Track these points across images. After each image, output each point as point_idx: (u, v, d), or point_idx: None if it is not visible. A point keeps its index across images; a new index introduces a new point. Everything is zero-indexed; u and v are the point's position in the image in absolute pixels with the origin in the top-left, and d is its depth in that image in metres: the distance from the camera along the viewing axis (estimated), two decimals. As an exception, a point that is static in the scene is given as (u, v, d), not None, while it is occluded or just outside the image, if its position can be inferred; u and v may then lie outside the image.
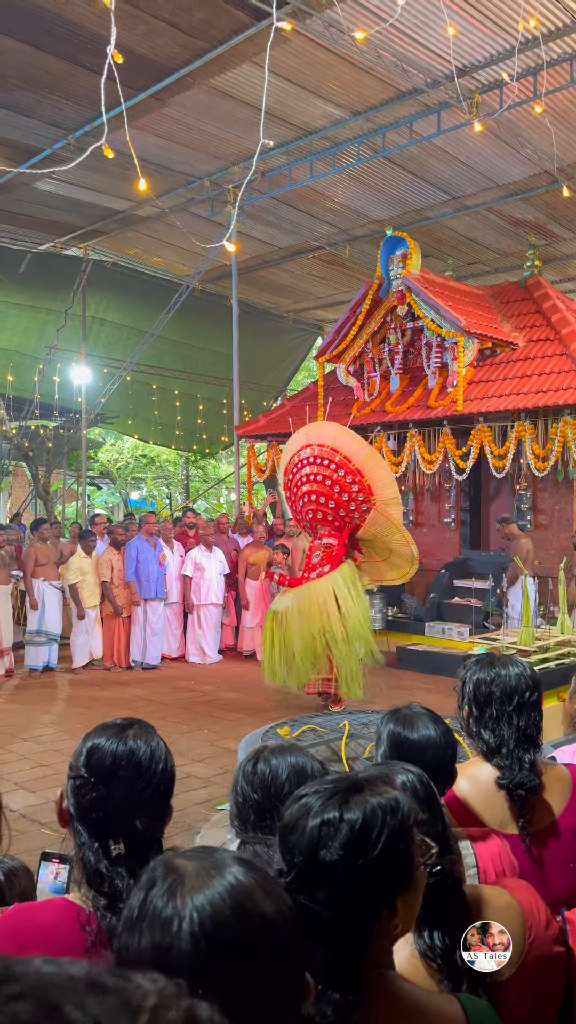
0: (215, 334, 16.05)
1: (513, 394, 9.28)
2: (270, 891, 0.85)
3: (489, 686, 2.01)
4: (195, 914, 0.79)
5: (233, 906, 0.80)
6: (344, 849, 1.04)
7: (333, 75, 9.05)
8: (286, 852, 1.07)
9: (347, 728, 4.68)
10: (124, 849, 1.38)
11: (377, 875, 1.05)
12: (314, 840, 1.05)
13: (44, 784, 5.56)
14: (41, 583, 9.52)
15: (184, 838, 4.67)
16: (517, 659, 2.12)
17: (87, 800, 1.42)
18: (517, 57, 8.07)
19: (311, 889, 1.03)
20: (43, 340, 15.76)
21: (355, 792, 1.08)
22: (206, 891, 0.81)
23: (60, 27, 8.25)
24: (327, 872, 1.03)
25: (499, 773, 1.95)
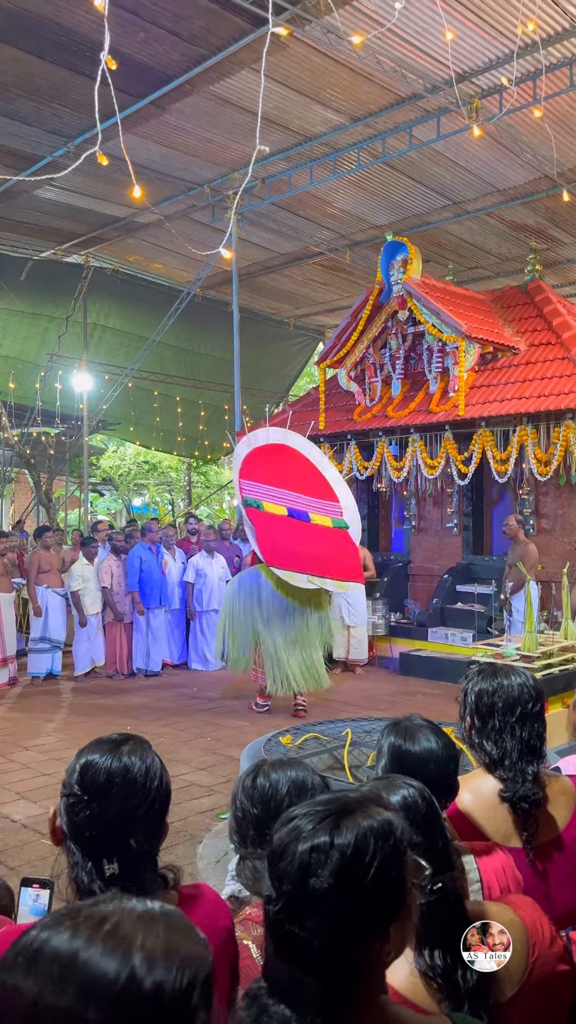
0: (216, 340, 16.07)
1: (515, 398, 9.26)
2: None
3: (491, 697, 1.99)
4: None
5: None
6: (335, 877, 0.99)
7: (332, 81, 9.06)
8: (275, 879, 1.02)
9: (350, 736, 4.66)
10: (118, 869, 1.35)
11: (369, 903, 1.00)
12: (304, 867, 1.00)
13: (46, 794, 5.53)
14: (44, 590, 9.52)
15: (187, 847, 4.64)
16: (519, 669, 2.09)
17: (80, 818, 1.39)
18: (516, 62, 8.07)
19: (301, 918, 0.99)
20: (44, 347, 15.79)
21: (346, 815, 1.04)
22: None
23: (60, 35, 8.27)
24: (317, 900, 0.99)
25: (502, 785, 1.93)
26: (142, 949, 0.73)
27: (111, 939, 0.73)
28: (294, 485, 7.71)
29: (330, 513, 7.71)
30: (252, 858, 1.75)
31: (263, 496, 7.43)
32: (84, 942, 0.73)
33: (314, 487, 7.84)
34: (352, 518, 7.82)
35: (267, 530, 7.23)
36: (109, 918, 0.76)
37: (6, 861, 4.44)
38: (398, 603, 10.84)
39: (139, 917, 0.77)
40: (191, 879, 4.17)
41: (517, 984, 1.32)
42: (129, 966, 0.72)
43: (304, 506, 7.62)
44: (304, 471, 7.93)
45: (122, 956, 0.72)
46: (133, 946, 0.73)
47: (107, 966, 0.71)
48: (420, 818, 1.35)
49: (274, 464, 7.69)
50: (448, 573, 10.45)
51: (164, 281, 16.10)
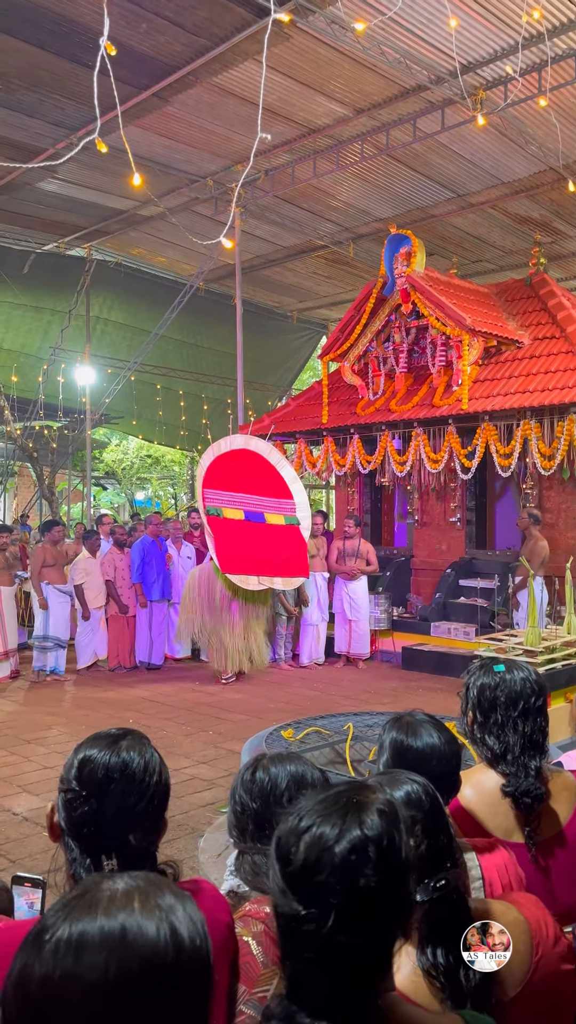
0: (219, 334, 16.03)
1: (518, 392, 9.21)
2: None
3: (494, 691, 1.98)
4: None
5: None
6: (379, 871, 0.95)
7: (336, 72, 9.01)
8: (313, 895, 0.94)
9: (352, 730, 4.64)
10: (117, 865, 1.34)
11: (407, 886, 0.99)
12: (349, 871, 0.94)
13: (48, 787, 5.53)
14: (47, 586, 9.34)
15: (188, 841, 4.64)
16: (522, 664, 2.08)
17: (78, 814, 1.37)
18: (521, 53, 8.02)
19: (355, 926, 0.93)
20: (47, 341, 15.77)
21: (359, 808, 1.00)
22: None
23: (62, 26, 8.23)
24: (370, 901, 0.94)
25: (504, 780, 1.91)
26: (173, 910, 0.79)
27: (145, 907, 0.78)
28: (252, 487, 8.52)
29: (283, 511, 8.56)
30: (251, 853, 1.74)
31: (223, 503, 8.27)
32: (126, 917, 0.76)
33: (271, 487, 8.65)
34: (303, 514, 8.67)
35: (225, 537, 8.04)
36: (131, 891, 0.80)
37: (7, 854, 4.43)
38: (400, 597, 10.82)
39: (147, 886, 0.81)
40: (192, 873, 4.17)
41: (520, 983, 1.30)
42: (171, 927, 0.77)
43: (260, 507, 8.49)
44: (263, 473, 8.69)
45: (161, 920, 0.77)
46: (164, 909, 0.78)
47: (154, 931, 0.76)
48: (424, 814, 1.34)
49: (235, 469, 8.60)
50: (451, 567, 10.42)
51: (167, 274, 16.07)
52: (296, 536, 8.43)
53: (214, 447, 8.49)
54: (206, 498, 8.09)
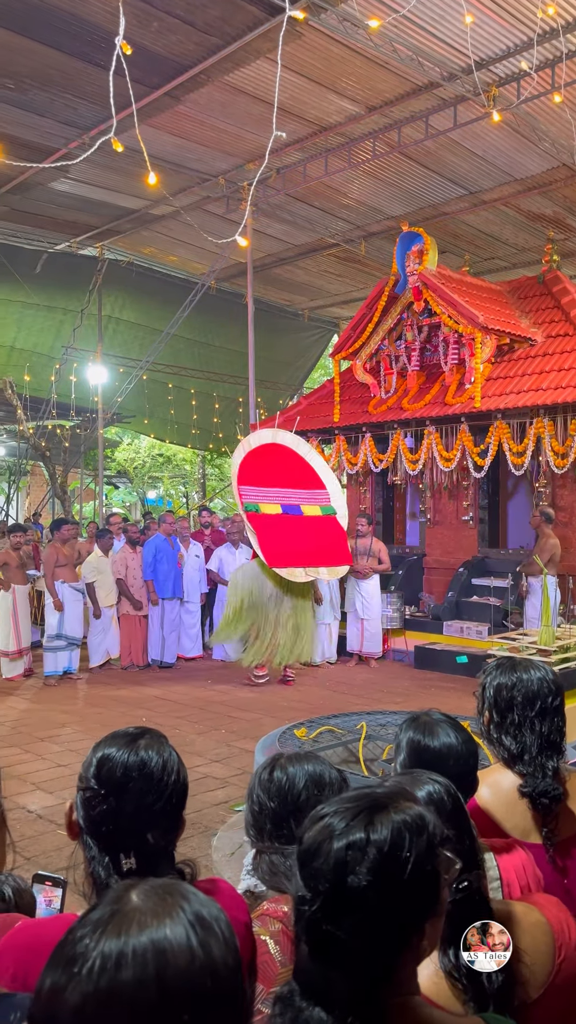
0: (231, 332, 16.03)
1: (531, 390, 9.17)
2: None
3: (510, 691, 1.96)
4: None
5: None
6: (373, 874, 0.97)
7: (348, 70, 8.98)
8: (308, 879, 1.00)
9: (364, 730, 4.63)
10: (135, 864, 1.34)
11: (407, 899, 0.98)
12: (340, 865, 0.98)
13: (61, 784, 5.55)
14: (61, 585, 9.24)
15: (201, 840, 4.64)
16: (539, 663, 2.06)
17: (97, 813, 1.37)
18: (536, 49, 7.97)
19: (338, 917, 0.97)
20: (59, 340, 15.82)
21: (379, 810, 1.02)
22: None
23: (75, 26, 8.24)
24: (355, 899, 0.97)
25: (521, 780, 1.90)
26: (202, 921, 0.78)
27: (177, 920, 0.77)
28: (285, 481, 8.33)
29: (318, 501, 8.35)
30: (269, 852, 1.73)
31: (259, 498, 8.06)
32: (154, 930, 0.75)
33: (304, 479, 8.46)
34: (338, 502, 8.42)
35: (267, 532, 7.83)
36: (153, 903, 0.79)
37: (23, 852, 4.45)
38: (413, 596, 10.79)
39: (177, 896, 0.80)
40: (206, 871, 4.18)
41: (543, 986, 1.29)
42: (202, 940, 0.76)
43: (296, 499, 8.27)
44: (294, 465, 8.51)
45: (191, 932, 0.76)
46: (194, 921, 0.78)
47: (186, 944, 0.75)
48: (446, 815, 1.33)
49: (266, 464, 8.50)
50: (463, 566, 10.39)
51: (178, 273, 16.08)
52: (334, 525, 8.29)
53: (244, 443, 8.32)
54: (242, 495, 7.94)
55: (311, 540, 8.08)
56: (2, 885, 1.67)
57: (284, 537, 7.95)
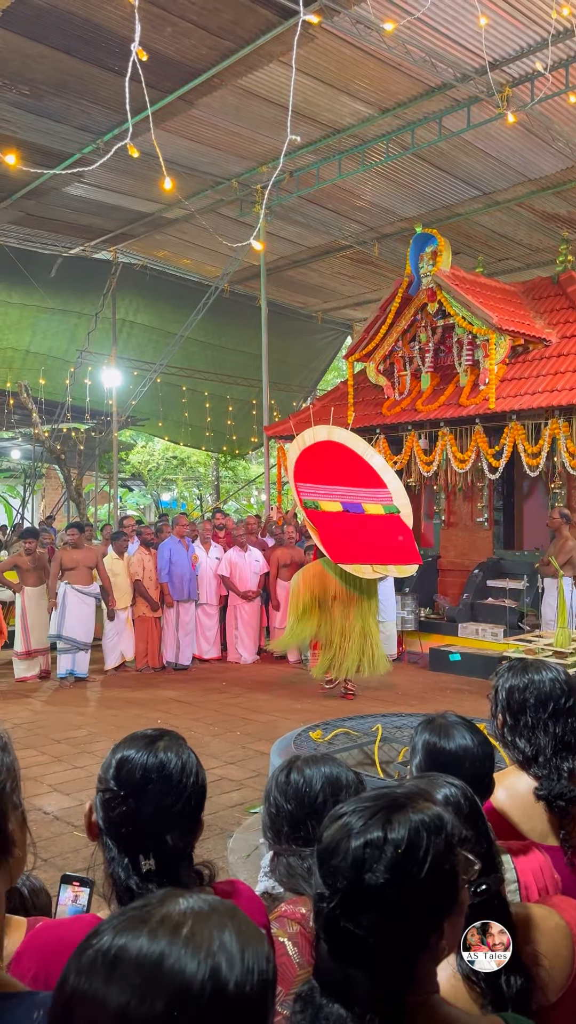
0: (244, 335, 16.07)
1: (546, 391, 9.13)
2: None
3: (523, 693, 1.95)
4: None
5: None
6: (390, 872, 0.98)
7: (361, 72, 8.99)
8: (327, 876, 1.01)
9: (380, 732, 4.62)
10: (154, 865, 1.35)
11: (424, 897, 0.99)
12: (358, 863, 0.99)
13: (78, 786, 5.57)
14: (65, 586, 9.15)
15: (216, 842, 4.65)
16: (551, 664, 2.05)
17: (116, 814, 1.38)
18: (550, 49, 7.95)
19: (355, 915, 0.98)
20: (74, 343, 15.91)
21: (397, 810, 1.03)
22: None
23: (89, 32, 8.30)
24: (373, 897, 0.98)
25: (536, 783, 1.89)
26: (223, 949, 0.72)
27: (192, 940, 0.72)
28: (344, 479, 8.01)
29: (381, 500, 8.00)
30: (286, 854, 1.74)
31: (318, 496, 7.73)
32: (167, 944, 0.71)
33: (363, 477, 8.13)
34: (402, 501, 8.07)
35: (328, 529, 7.52)
36: (185, 919, 0.74)
37: (39, 853, 4.47)
38: (428, 598, 10.76)
39: (210, 914, 0.75)
40: (222, 873, 4.17)
41: (561, 989, 1.29)
42: (214, 966, 0.70)
43: (357, 498, 7.94)
44: (352, 463, 8.20)
45: (205, 956, 0.70)
46: (214, 946, 0.72)
47: (193, 969, 0.70)
48: (463, 818, 1.33)
49: (323, 462, 8.07)
50: (479, 568, 10.35)
51: (192, 276, 16.14)
52: (399, 524, 7.95)
53: (299, 440, 8.03)
54: (301, 492, 7.66)
55: (377, 538, 7.76)
56: (20, 886, 1.68)
57: (347, 534, 7.64)
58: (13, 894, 1.61)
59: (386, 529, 7.87)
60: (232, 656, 10.39)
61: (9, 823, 1.11)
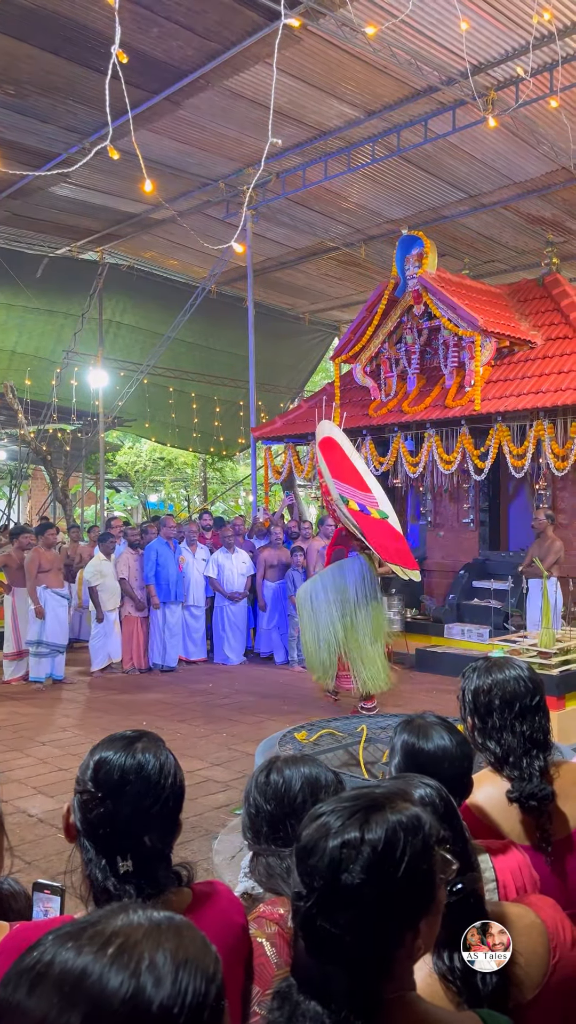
0: (231, 336, 16.06)
1: (531, 393, 9.18)
2: None
3: (488, 694, 1.93)
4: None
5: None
6: (366, 872, 0.99)
7: (347, 74, 9.01)
8: (305, 875, 1.02)
9: (365, 732, 4.63)
10: (132, 866, 1.35)
11: (401, 897, 1.00)
12: (335, 863, 1.00)
13: (62, 788, 5.55)
14: (44, 591, 9.07)
15: (202, 843, 4.64)
16: (515, 661, 2.02)
17: (94, 815, 1.38)
18: (532, 53, 7.99)
19: (332, 913, 0.99)
20: (60, 344, 15.85)
21: (375, 810, 1.04)
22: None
23: (75, 31, 8.28)
24: (349, 896, 0.99)
25: (509, 785, 1.89)
26: (152, 968, 0.69)
27: (120, 957, 0.70)
28: (349, 480, 7.63)
29: (372, 505, 7.64)
30: (266, 855, 1.74)
31: (345, 493, 7.33)
32: (92, 960, 0.69)
33: (356, 480, 7.76)
34: (387, 508, 7.76)
35: (366, 528, 7.06)
36: (117, 934, 0.72)
37: (23, 856, 4.46)
38: (414, 599, 10.79)
39: (148, 932, 0.73)
40: (207, 875, 4.18)
41: (537, 987, 1.30)
42: (138, 986, 0.68)
43: (362, 501, 7.54)
44: (346, 464, 7.83)
45: (130, 975, 0.68)
46: (142, 964, 0.69)
47: (115, 986, 0.68)
48: (439, 818, 1.33)
49: (335, 459, 7.61)
50: (464, 569, 10.39)
51: (179, 277, 16.12)
52: (394, 529, 7.56)
53: (318, 430, 7.63)
54: (337, 487, 7.17)
55: (391, 540, 7.37)
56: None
57: (378, 534, 7.16)
58: None
59: (389, 532, 7.52)
60: (219, 657, 10.38)
61: None
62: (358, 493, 7.53)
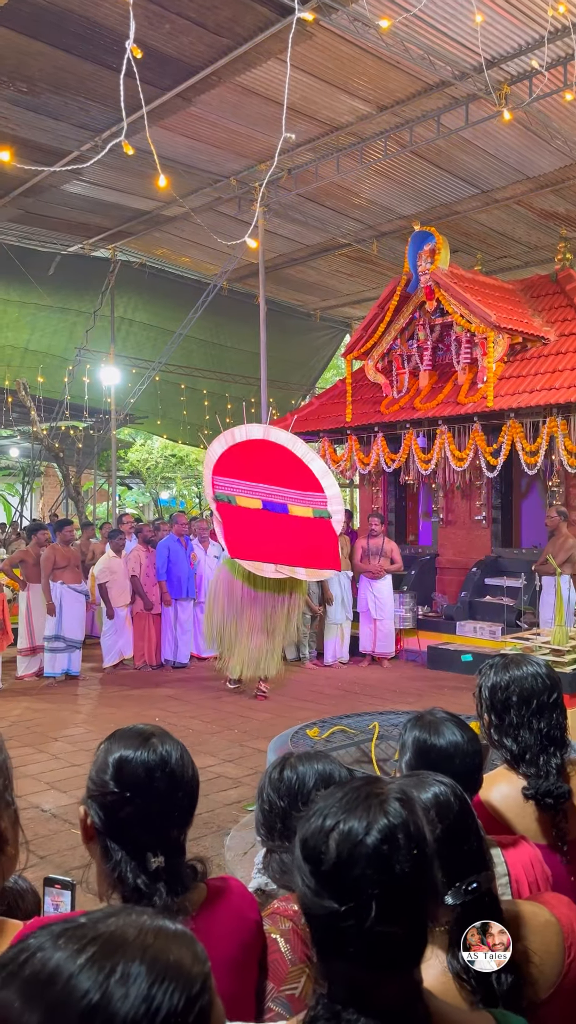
0: (243, 333, 16.05)
1: (544, 389, 9.13)
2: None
3: (505, 691, 1.93)
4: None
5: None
6: (409, 856, 0.95)
7: (359, 70, 8.97)
8: (350, 892, 0.94)
9: (377, 730, 4.63)
10: (164, 861, 1.34)
11: (435, 868, 0.98)
12: (383, 860, 0.94)
13: (75, 784, 5.57)
14: (60, 587, 9.16)
15: (214, 839, 4.65)
16: (532, 658, 2.02)
17: (124, 815, 1.36)
18: (547, 47, 7.93)
19: (394, 914, 0.93)
20: (72, 341, 15.90)
21: (377, 799, 1.00)
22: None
23: (87, 28, 8.28)
24: (407, 887, 0.95)
25: (525, 782, 1.88)
26: (124, 979, 0.66)
27: (94, 962, 0.66)
28: (274, 479, 8.08)
29: (311, 504, 8.09)
30: (279, 851, 1.74)
31: (236, 491, 7.84)
32: (65, 961, 0.66)
33: (297, 480, 8.19)
34: (335, 507, 8.17)
35: (235, 524, 7.62)
36: (99, 937, 0.69)
37: (36, 850, 4.48)
38: (426, 596, 10.77)
39: (134, 939, 0.70)
40: (219, 870, 4.18)
41: (553, 985, 1.29)
42: (104, 995, 0.64)
43: (283, 498, 8.02)
44: (287, 465, 8.26)
45: (100, 983, 0.65)
46: (115, 973, 0.66)
47: (80, 992, 0.64)
48: (453, 816, 1.33)
49: (253, 459, 8.15)
50: (477, 566, 10.36)
51: (191, 274, 16.12)
52: (327, 529, 8.01)
53: (227, 435, 8.10)
54: (216, 485, 7.75)
55: (294, 540, 7.80)
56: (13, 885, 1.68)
57: (258, 532, 7.67)
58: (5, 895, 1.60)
59: (309, 532, 7.93)
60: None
61: (1, 821, 1.11)
62: (289, 492, 8.05)
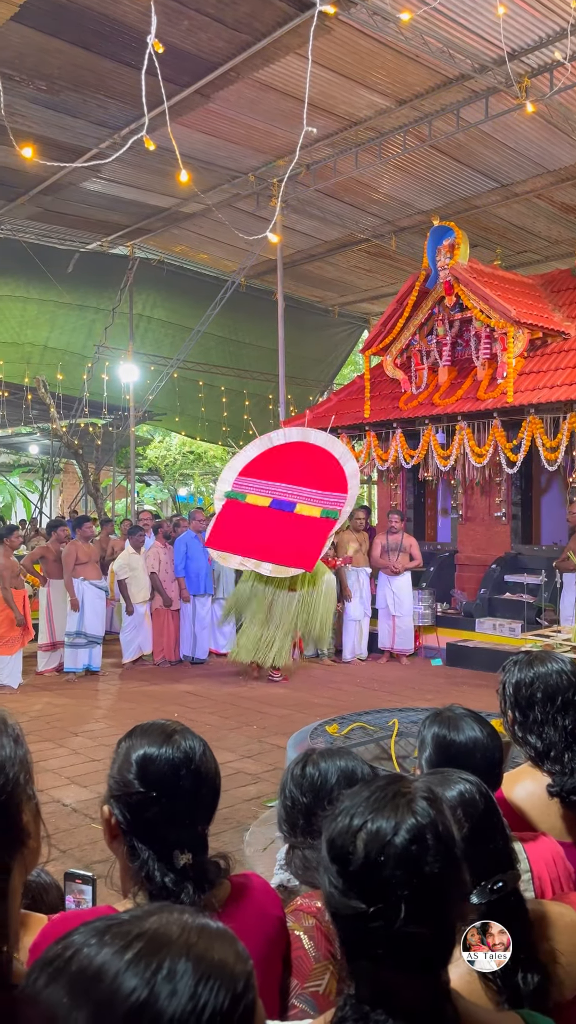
0: (261, 329, 16.05)
1: (565, 384, 9.05)
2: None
3: (529, 688, 1.92)
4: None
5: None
6: (438, 855, 0.95)
7: (378, 64, 8.93)
8: (379, 893, 0.94)
9: (396, 726, 4.62)
10: (191, 858, 1.33)
11: (463, 866, 0.98)
12: (413, 860, 0.94)
13: (95, 779, 5.61)
14: (82, 583, 9.19)
15: (233, 835, 4.66)
16: (556, 655, 2.01)
17: (152, 814, 1.34)
18: (569, 39, 7.85)
19: (424, 914, 0.93)
20: (91, 339, 15.96)
21: (405, 798, 0.99)
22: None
23: (105, 26, 8.29)
24: (436, 887, 0.94)
25: (550, 779, 1.87)
26: (170, 976, 0.66)
27: (139, 960, 0.67)
28: (297, 479, 8.22)
29: (323, 504, 8.20)
30: (302, 847, 1.74)
31: (251, 489, 8.09)
32: (111, 959, 0.67)
33: (324, 480, 8.27)
34: (346, 510, 8.41)
35: (229, 518, 7.86)
36: (143, 935, 0.69)
37: (58, 844, 4.51)
38: (445, 593, 10.72)
39: (177, 937, 0.70)
40: (239, 866, 4.19)
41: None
42: (151, 994, 0.65)
43: (295, 497, 8.19)
44: (319, 465, 8.35)
45: (146, 981, 0.65)
46: (161, 971, 0.66)
47: (127, 990, 0.65)
48: (479, 814, 1.32)
49: (283, 461, 8.27)
50: (496, 563, 10.29)
51: (209, 271, 16.14)
52: (324, 530, 8.11)
53: (264, 439, 8.33)
54: (234, 484, 8.05)
55: (278, 537, 7.97)
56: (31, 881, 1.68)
57: (245, 527, 7.92)
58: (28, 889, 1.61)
59: (302, 531, 8.05)
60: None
61: (24, 815, 1.11)
62: (306, 491, 8.19)
